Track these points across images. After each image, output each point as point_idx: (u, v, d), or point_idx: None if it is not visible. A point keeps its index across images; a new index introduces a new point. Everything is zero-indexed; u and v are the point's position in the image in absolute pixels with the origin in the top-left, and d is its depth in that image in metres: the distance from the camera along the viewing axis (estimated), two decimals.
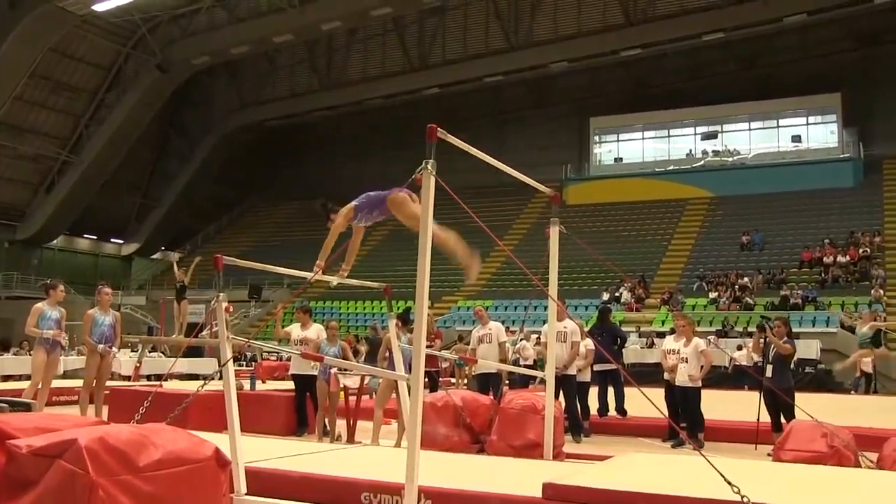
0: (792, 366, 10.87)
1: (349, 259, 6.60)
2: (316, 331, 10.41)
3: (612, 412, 11.30)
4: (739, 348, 20.74)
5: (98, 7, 32.28)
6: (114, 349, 10.16)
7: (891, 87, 33.41)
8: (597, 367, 11.42)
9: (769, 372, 9.41)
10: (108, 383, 10.71)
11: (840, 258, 27.13)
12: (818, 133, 35.86)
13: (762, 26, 32.76)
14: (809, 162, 34.07)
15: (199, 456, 4.28)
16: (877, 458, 6.85)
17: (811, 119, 35.99)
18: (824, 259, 27.40)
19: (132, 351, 20.69)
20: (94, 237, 45.47)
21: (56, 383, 13.35)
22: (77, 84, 38.50)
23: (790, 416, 8.79)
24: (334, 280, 7.03)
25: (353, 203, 6.22)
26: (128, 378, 17.85)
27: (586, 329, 12.13)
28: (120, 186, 42.84)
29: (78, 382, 10.89)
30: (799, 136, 35.72)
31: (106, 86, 39.28)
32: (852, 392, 19.34)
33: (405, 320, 9.17)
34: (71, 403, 12.13)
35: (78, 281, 35.03)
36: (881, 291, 24.61)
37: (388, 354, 8.61)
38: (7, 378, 16.57)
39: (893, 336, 22.65)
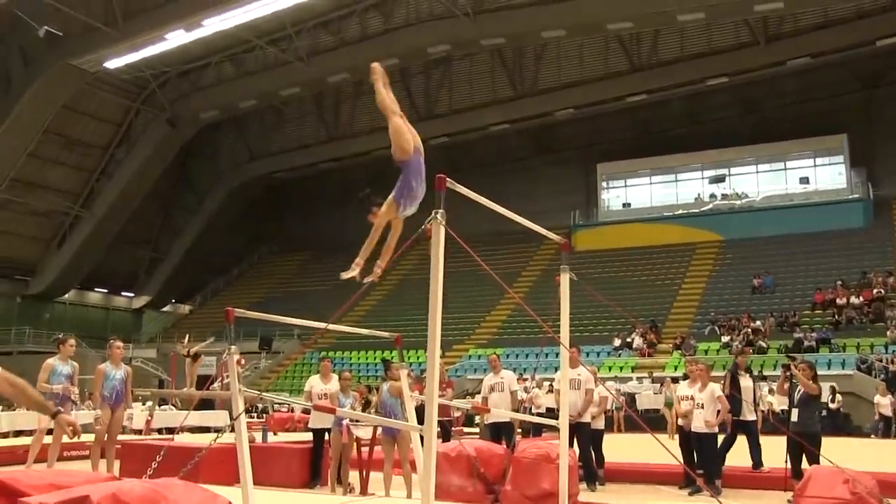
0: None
1: (385, 256, 5.74)
2: (338, 383, 10.36)
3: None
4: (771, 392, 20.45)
5: (109, 64, 32.92)
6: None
7: (895, 128, 33.52)
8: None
9: (794, 416, 9.20)
10: (120, 437, 10.66)
11: (853, 299, 26.93)
12: (826, 174, 35.81)
13: (765, 70, 33.06)
14: (818, 203, 34.01)
15: None
16: None
17: (818, 160, 35.97)
18: (837, 300, 27.19)
19: (143, 404, 20.62)
20: (105, 290, 45.65)
21: (66, 438, 13.28)
22: (89, 140, 39.00)
23: (815, 461, 8.61)
24: (372, 278, 5.80)
25: (392, 194, 5.62)
26: (139, 432, 17.78)
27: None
28: (130, 240, 43.15)
29: (89, 437, 10.84)
30: (807, 178, 35.68)
31: (116, 141, 39.77)
32: (872, 436, 19.10)
33: (386, 368, 9.33)
34: (82, 458, 12.05)
35: (89, 335, 35.07)
36: None
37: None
38: (19, 434, 16.51)
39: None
